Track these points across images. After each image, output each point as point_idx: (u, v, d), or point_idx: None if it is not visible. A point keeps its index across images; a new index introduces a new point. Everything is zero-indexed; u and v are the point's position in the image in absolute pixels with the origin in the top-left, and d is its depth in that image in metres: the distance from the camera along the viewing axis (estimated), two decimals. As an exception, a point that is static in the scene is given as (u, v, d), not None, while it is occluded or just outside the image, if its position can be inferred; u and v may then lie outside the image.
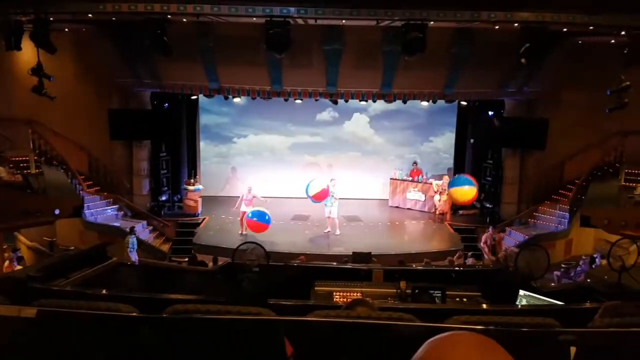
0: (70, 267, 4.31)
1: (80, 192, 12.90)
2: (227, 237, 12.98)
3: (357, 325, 1.85)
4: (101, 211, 13.40)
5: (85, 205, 12.44)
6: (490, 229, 12.30)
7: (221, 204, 15.83)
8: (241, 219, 13.37)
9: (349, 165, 17.02)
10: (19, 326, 2.02)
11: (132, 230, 11.45)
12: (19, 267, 9.36)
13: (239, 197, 13.79)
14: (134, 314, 2.03)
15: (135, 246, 11.18)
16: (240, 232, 13.39)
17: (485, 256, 11.88)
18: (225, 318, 1.97)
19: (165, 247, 13.44)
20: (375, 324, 1.87)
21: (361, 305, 2.40)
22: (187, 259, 11.87)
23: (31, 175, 10.95)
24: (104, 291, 3.45)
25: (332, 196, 13.00)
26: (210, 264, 9.88)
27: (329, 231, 13.24)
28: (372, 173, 16.99)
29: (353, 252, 7.90)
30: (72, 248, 10.15)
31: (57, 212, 9.52)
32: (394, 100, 14.24)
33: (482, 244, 12.26)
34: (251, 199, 13.34)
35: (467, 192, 11.48)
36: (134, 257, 10.91)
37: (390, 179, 16.36)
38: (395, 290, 4.43)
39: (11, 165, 11.03)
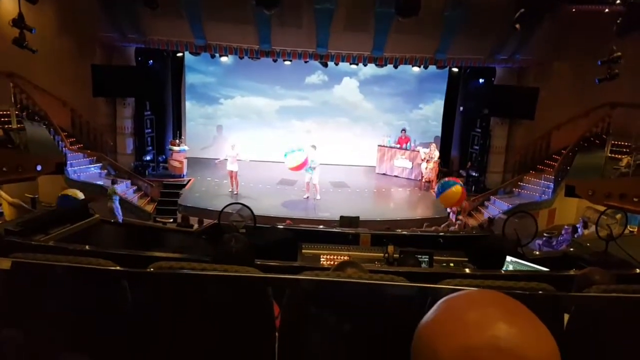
0: (50, 224, 4.19)
1: (63, 149, 12.63)
2: (213, 199, 12.90)
3: (349, 285, 1.79)
4: (84, 169, 13.17)
5: (68, 162, 12.22)
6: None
7: (207, 166, 15.67)
8: (231, 177, 13.32)
9: (337, 131, 16.93)
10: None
11: (114, 182, 11.52)
12: (-2, 224, 9.20)
13: (222, 159, 13.65)
14: (116, 267, 1.94)
15: (117, 199, 11.15)
16: (230, 189, 13.39)
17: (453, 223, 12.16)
18: (211, 274, 1.91)
19: (150, 208, 13.34)
20: (367, 283, 1.82)
21: (351, 266, 2.36)
22: (171, 220, 11.88)
23: (12, 130, 10.65)
24: (86, 247, 3.35)
25: (311, 165, 12.93)
26: (196, 226, 9.82)
27: (307, 197, 13.25)
28: (360, 139, 16.94)
29: (341, 217, 7.87)
30: (54, 205, 9.98)
31: (39, 168, 9.30)
32: (385, 65, 14.05)
33: (450, 211, 12.58)
34: (235, 156, 13.23)
35: (455, 191, 11.71)
36: (119, 211, 10.85)
37: (378, 145, 16.33)
38: (382, 255, 4.42)
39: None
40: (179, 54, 15.08)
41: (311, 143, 13.62)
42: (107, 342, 1.90)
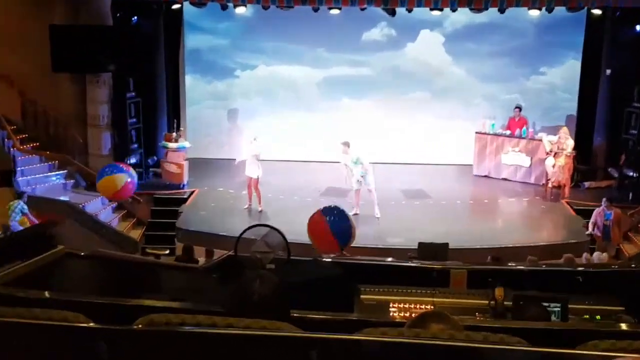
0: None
1: (11, 149, 13.19)
2: (227, 219, 13.09)
3: (435, 349, 1.78)
4: (42, 179, 13.74)
5: (18, 169, 12.74)
6: (604, 202, 12.18)
7: (217, 170, 15.91)
8: (249, 187, 13.46)
9: (410, 112, 16.80)
10: None
11: (22, 195, 11.64)
12: None
13: (242, 160, 13.82)
14: (89, 324, 2.00)
15: (19, 216, 11.28)
16: (248, 205, 13.52)
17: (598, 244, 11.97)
18: (226, 333, 1.93)
19: (137, 234, 13.71)
20: (464, 347, 1.79)
21: (437, 320, 2.32)
22: (167, 252, 12.15)
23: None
24: (45, 294, 3.47)
25: (359, 160, 12.89)
26: (202, 260, 10.01)
27: (356, 213, 13.15)
28: (447, 125, 16.74)
29: (419, 244, 7.83)
30: (-1, 232, 10.42)
31: (-24, 178, 9.76)
32: (485, 8, 13.83)
33: (590, 224, 12.28)
34: (256, 155, 13.27)
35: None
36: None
37: (476, 133, 16.06)
38: (486, 302, 4.38)
39: None
40: (176, 6, 15.46)
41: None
42: None
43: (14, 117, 14.06)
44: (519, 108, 15.92)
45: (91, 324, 2.07)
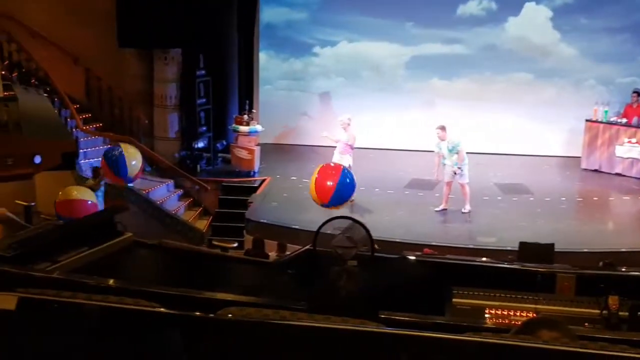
0: (58, 246, 4.57)
1: (74, 130, 13.68)
2: (302, 211, 13.18)
3: (549, 356, 1.76)
4: (105, 162, 14.20)
5: (81, 151, 13.20)
6: None
7: (291, 157, 16.08)
8: None
9: (510, 97, 16.58)
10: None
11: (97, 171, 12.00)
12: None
13: (318, 146, 13.84)
14: (165, 310, 2.08)
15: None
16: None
17: None
18: (314, 326, 1.96)
19: (202, 224, 14.01)
20: (581, 354, 1.77)
21: (549, 327, 2.29)
22: (235, 245, 12.36)
23: (-2, 101, 11.65)
24: (115, 282, 3.61)
25: (455, 148, 12.63)
26: (273, 254, 10.12)
27: (443, 209, 13.00)
28: (552, 111, 16.45)
29: (521, 243, 7.70)
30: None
31: (37, 160, 10.11)
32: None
33: None
34: (346, 141, 13.07)
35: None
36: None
37: (586, 121, 15.68)
38: (598, 311, 4.29)
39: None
40: (250, -24, 15.73)
41: (439, 123, 13.19)
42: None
43: (78, 95, 14.57)
44: (638, 93, 15.42)
45: (166, 310, 2.14)
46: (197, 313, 2.08)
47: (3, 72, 12.72)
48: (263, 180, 14.89)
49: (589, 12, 16.08)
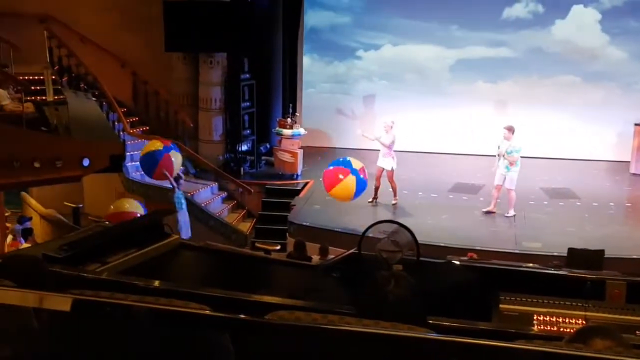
0: (107, 247, 4.65)
1: (121, 133, 13.89)
2: (345, 214, 13.19)
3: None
4: (152, 164, 14.37)
5: (128, 154, 13.36)
6: None
7: (334, 160, 16.08)
8: (377, 179, 13.33)
9: (557, 100, 16.42)
10: (39, 321, 2.18)
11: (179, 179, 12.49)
12: (26, 245, 10.36)
13: (360, 149, 13.82)
14: (208, 312, 2.10)
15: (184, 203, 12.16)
16: (370, 200, 13.50)
17: None
18: (366, 332, 1.95)
19: (246, 227, 14.10)
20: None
21: (603, 337, 2.25)
22: (278, 247, 12.39)
23: (48, 104, 11.85)
24: (164, 284, 3.65)
25: (515, 150, 12.50)
26: (315, 257, 10.12)
27: (489, 211, 12.89)
28: (600, 114, 16.26)
29: (570, 250, 7.60)
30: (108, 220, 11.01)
31: (85, 162, 10.27)
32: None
33: None
34: (389, 144, 13.04)
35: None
36: (184, 218, 11.96)
37: (636, 125, 15.47)
38: (649, 319, 4.21)
39: (17, 88, 11.91)
40: (296, -20, 15.81)
41: (517, 117, 13.23)
42: None
43: (125, 99, 14.80)
44: (690, 97, 15.16)
45: (215, 314, 2.15)
46: (246, 316, 2.08)
47: (53, 77, 12.96)
48: (306, 183, 14.92)
49: (638, 14, 15.82)
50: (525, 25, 16.46)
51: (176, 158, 12.31)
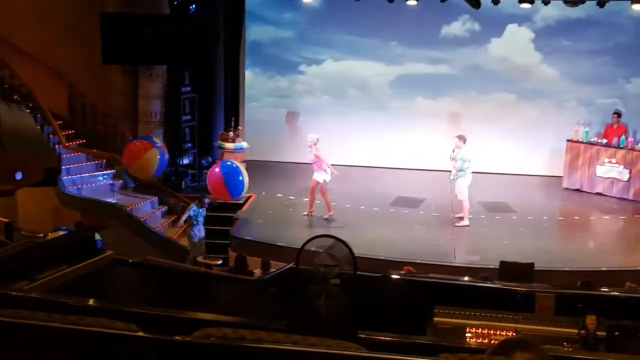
0: (38, 264, 4.52)
1: (57, 146, 13.62)
2: (287, 229, 13.19)
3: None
4: (88, 178, 14.15)
5: (64, 168, 13.11)
6: None
7: (276, 174, 16.07)
8: (311, 192, 13.49)
9: (494, 117, 16.64)
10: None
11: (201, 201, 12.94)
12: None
13: (303, 163, 13.88)
14: (141, 334, 2.06)
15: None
16: (305, 212, 13.61)
17: None
18: (290, 350, 1.95)
19: (187, 241, 13.92)
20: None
21: (524, 349, 2.29)
22: (220, 262, 12.32)
23: (-20, 117, 11.59)
24: (94, 301, 3.57)
25: (460, 159, 12.82)
26: (257, 271, 10.10)
27: (465, 225, 13.28)
28: (535, 131, 16.55)
29: (501, 262, 7.73)
30: (41, 235, 10.76)
31: (18, 176, 10.04)
32: (582, 2, 13.59)
33: None
34: (319, 160, 13.27)
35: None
36: (199, 234, 12.44)
37: (568, 141, 15.78)
38: (576, 331, 4.30)
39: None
40: (237, -7, 15.76)
41: (457, 133, 13.56)
42: None
43: (61, 111, 14.53)
44: (618, 114, 15.58)
45: (144, 334, 2.12)
46: (172, 336, 2.06)
47: (-14, 89, 12.72)
48: (249, 197, 14.85)
49: (570, 34, 16.17)
50: (463, 43, 16.67)
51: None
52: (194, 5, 15.00)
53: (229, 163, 13.66)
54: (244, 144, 15.46)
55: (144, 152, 13.20)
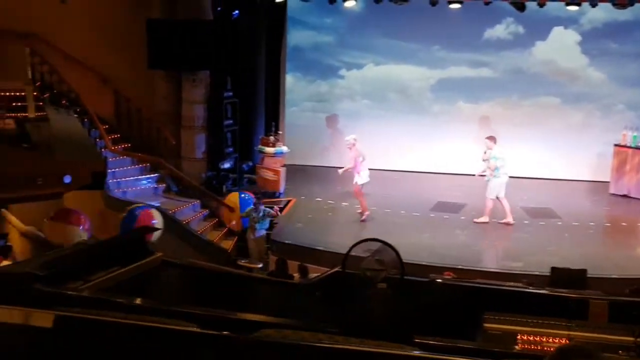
0: (89, 265, 4.61)
1: (103, 150, 13.83)
2: (327, 233, 13.18)
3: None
4: (132, 182, 14.33)
5: (110, 171, 13.30)
6: None
7: (316, 178, 16.12)
8: (357, 195, 13.50)
9: (537, 121, 16.55)
10: (24, 338, 2.16)
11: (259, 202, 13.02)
12: (5, 262, 10.27)
13: (343, 168, 13.84)
14: (197, 329, 2.09)
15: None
16: (360, 214, 13.61)
17: None
18: (351, 350, 1.95)
19: (228, 244, 14.02)
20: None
21: (583, 357, 2.25)
22: (260, 265, 12.38)
23: (29, 121, 11.80)
24: (147, 302, 3.62)
25: (492, 158, 12.90)
26: (296, 275, 10.12)
27: (484, 221, 13.22)
28: (580, 135, 16.40)
29: (552, 269, 7.62)
30: (89, 237, 10.93)
31: (67, 179, 10.23)
32: (630, 5, 13.39)
33: None
34: (358, 160, 13.22)
35: None
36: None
37: (615, 145, 15.56)
38: (631, 339, 4.19)
39: (-1, 105, 11.98)
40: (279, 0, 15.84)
41: (499, 137, 13.51)
42: None
43: (107, 116, 14.75)
44: (667, 118, 15.31)
45: (201, 330, 2.14)
46: (232, 334, 2.07)
47: (35, 94, 12.91)
48: (288, 202, 14.92)
49: (617, 36, 16.01)
50: (506, 47, 16.62)
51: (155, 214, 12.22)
52: (236, 12, 15.12)
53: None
54: (284, 148, 15.54)
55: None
